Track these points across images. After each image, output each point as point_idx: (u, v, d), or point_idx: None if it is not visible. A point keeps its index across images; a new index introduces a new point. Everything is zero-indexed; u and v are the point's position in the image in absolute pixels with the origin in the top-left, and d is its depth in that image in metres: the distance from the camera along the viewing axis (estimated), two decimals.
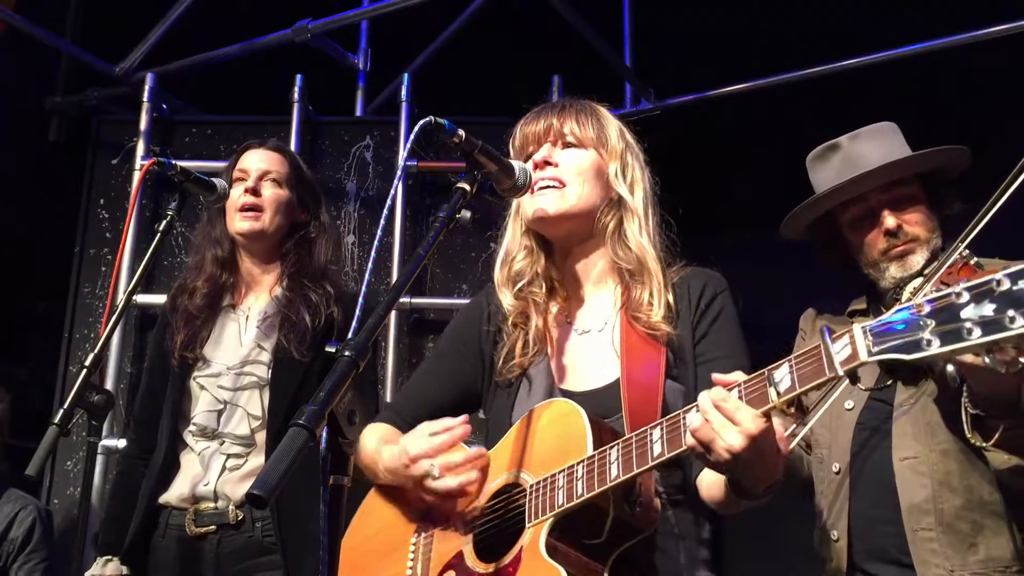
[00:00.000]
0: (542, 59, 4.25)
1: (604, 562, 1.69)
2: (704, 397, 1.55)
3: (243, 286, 2.85)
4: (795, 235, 2.50)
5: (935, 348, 1.27)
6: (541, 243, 2.07)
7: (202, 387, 2.72)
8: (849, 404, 2.30)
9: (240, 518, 2.58)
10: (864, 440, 2.27)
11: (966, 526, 2.11)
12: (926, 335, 1.28)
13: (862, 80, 4.10)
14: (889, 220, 2.29)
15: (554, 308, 2.05)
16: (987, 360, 1.24)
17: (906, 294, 2.17)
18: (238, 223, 2.76)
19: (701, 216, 2.73)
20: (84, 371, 2.34)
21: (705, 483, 1.81)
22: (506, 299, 2.04)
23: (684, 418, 1.59)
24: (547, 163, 1.97)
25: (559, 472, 1.70)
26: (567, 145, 2.01)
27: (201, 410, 2.69)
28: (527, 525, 1.72)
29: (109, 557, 2.68)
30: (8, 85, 4.46)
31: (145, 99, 4.19)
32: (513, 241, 2.09)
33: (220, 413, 2.68)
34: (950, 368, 1.26)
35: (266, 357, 2.72)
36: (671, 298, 1.96)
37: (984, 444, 1.96)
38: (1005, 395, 1.88)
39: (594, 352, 1.97)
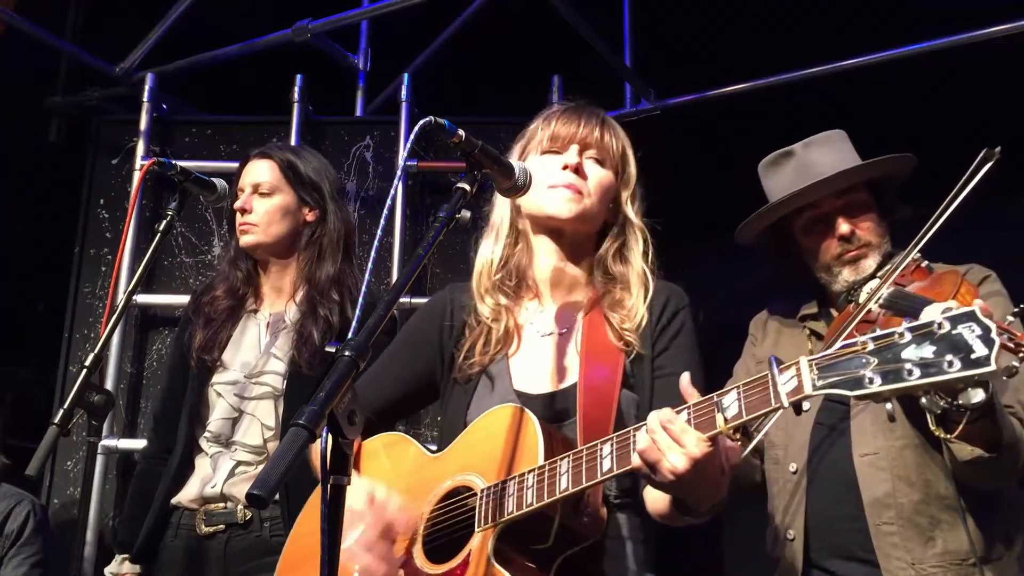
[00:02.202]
0: (542, 59, 4.24)
1: (550, 567, 1.73)
2: (653, 417, 1.58)
3: (264, 295, 2.90)
4: (748, 241, 2.57)
5: (876, 386, 1.33)
6: (525, 241, 2.08)
7: (219, 394, 2.75)
8: (806, 405, 2.32)
9: (248, 518, 2.60)
10: (822, 438, 2.32)
11: (924, 520, 2.17)
12: (868, 372, 1.34)
13: (862, 80, 4.10)
14: (843, 226, 2.37)
15: (522, 307, 2.06)
16: (923, 401, 1.28)
17: (863, 295, 2.24)
18: (240, 239, 2.85)
19: (701, 216, 2.73)
20: (84, 371, 2.35)
21: (650, 497, 1.85)
22: (482, 291, 2.05)
23: (634, 435, 1.62)
24: (578, 170, 1.98)
25: (510, 480, 1.72)
26: (593, 159, 2.02)
27: (216, 417, 2.72)
28: (476, 529, 1.74)
29: (127, 555, 2.70)
30: (8, 85, 4.45)
31: (145, 99, 4.17)
32: (499, 235, 2.10)
33: (235, 422, 2.71)
34: (923, 400, 1.31)
35: (281, 367, 2.74)
36: (646, 314, 1.98)
37: (948, 436, 2.00)
38: None
39: (554, 355, 1.98)
